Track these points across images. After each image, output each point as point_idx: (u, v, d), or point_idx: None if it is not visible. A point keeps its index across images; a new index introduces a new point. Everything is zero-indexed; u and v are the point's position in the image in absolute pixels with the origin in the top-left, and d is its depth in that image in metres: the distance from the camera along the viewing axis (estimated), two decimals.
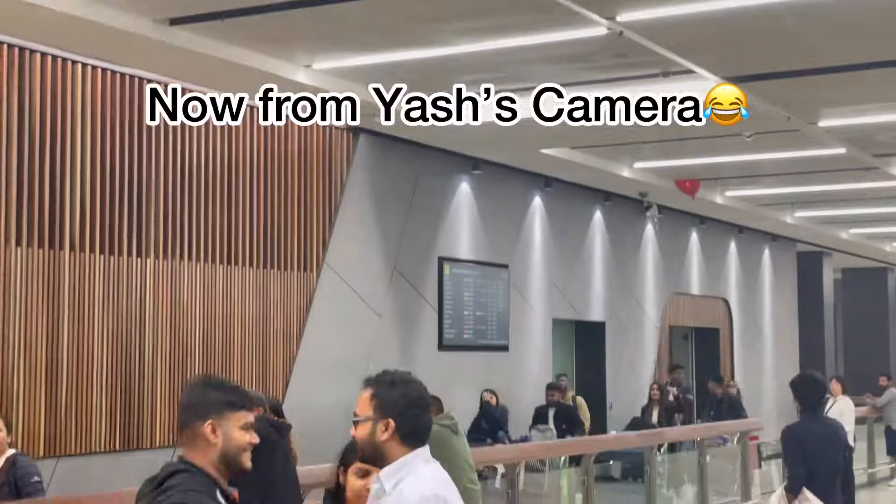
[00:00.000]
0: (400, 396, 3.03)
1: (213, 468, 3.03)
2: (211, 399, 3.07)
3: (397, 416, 3.00)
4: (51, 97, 8.68)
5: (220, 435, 3.04)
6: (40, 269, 8.55)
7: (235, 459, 3.06)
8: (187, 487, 2.92)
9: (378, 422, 3.01)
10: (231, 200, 10.19)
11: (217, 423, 3.04)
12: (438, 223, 12.87)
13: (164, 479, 2.97)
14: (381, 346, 11.85)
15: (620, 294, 16.50)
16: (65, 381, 8.66)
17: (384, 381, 3.07)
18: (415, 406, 3.04)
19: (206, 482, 2.98)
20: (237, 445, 3.06)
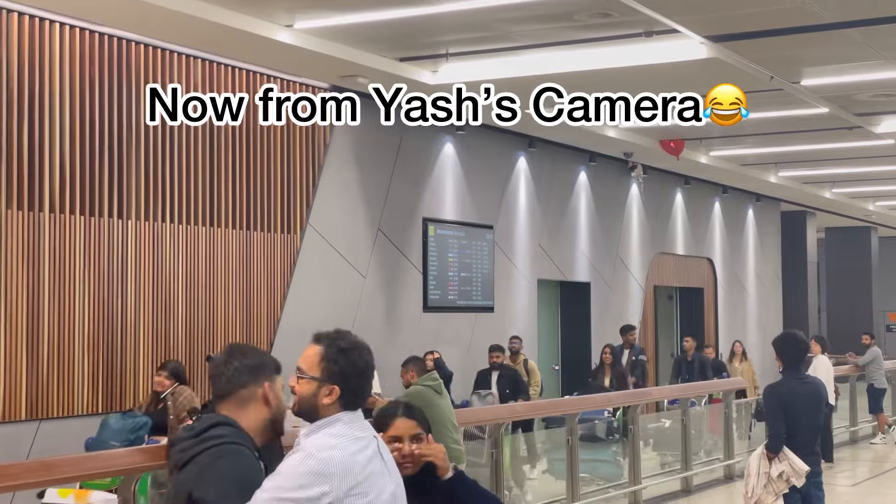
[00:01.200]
0: (349, 365, 3.04)
1: (257, 429, 3.10)
2: (265, 362, 3.18)
3: (343, 384, 3.02)
4: (28, 57, 8.58)
5: (273, 398, 3.14)
6: (20, 232, 8.49)
7: (280, 421, 3.15)
8: (235, 439, 3.00)
9: (323, 385, 3.02)
10: (213, 162, 10.13)
11: (271, 386, 3.14)
12: (422, 184, 12.83)
13: (207, 428, 3.03)
14: (365, 308, 11.84)
15: (605, 254, 16.51)
16: (46, 344, 8.63)
17: (336, 345, 3.07)
18: (361, 375, 3.06)
19: (246, 438, 3.06)
20: (282, 409, 3.16)
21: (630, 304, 17.24)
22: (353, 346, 3.08)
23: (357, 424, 3.04)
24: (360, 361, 3.06)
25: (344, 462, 2.89)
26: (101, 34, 9.11)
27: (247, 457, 2.99)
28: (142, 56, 9.47)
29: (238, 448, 2.99)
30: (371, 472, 2.96)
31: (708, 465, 11.58)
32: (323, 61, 9.96)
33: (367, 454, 2.98)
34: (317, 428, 2.99)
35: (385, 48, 10.19)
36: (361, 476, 2.92)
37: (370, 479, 2.94)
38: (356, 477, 2.90)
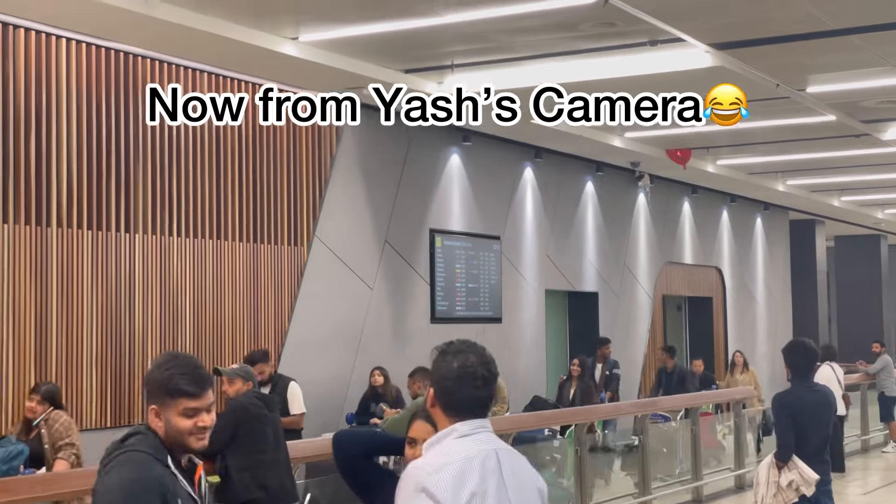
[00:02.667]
0: (438, 367, 3.03)
1: (168, 442, 3.16)
2: (154, 384, 3.18)
3: (436, 388, 3.01)
4: (35, 73, 8.62)
5: (163, 419, 3.16)
6: (28, 247, 8.52)
7: (179, 442, 3.15)
8: (140, 448, 3.09)
9: (429, 389, 3.05)
10: (220, 175, 10.15)
11: (159, 408, 3.17)
12: (429, 195, 12.84)
13: (124, 438, 3.16)
14: (373, 320, 11.84)
15: (613, 264, 16.49)
16: (54, 358, 8.64)
17: (440, 348, 3.08)
18: (448, 379, 2.99)
19: (158, 446, 3.12)
20: (178, 430, 3.14)
21: (638, 314, 17.21)
22: (454, 350, 3.04)
23: (476, 437, 2.95)
24: (453, 364, 2.99)
25: (454, 482, 2.83)
26: (108, 49, 9.15)
27: (139, 464, 3.04)
28: (148, 70, 9.50)
29: (133, 456, 3.06)
30: (485, 491, 2.87)
31: (718, 474, 11.54)
32: (328, 73, 9.98)
33: (483, 470, 2.89)
34: (434, 441, 2.96)
35: (390, 60, 10.21)
36: (476, 496, 2.84)
37: (485, 500, 2.86)
38: (466, 498, 2.83)
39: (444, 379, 3.00)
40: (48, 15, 8.33)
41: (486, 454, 2.91)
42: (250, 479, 6.09)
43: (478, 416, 2.99)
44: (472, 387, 2.98)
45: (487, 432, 2.98)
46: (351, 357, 11.46)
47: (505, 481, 2.91)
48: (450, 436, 2.94)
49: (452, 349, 3.04)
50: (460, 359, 3.00)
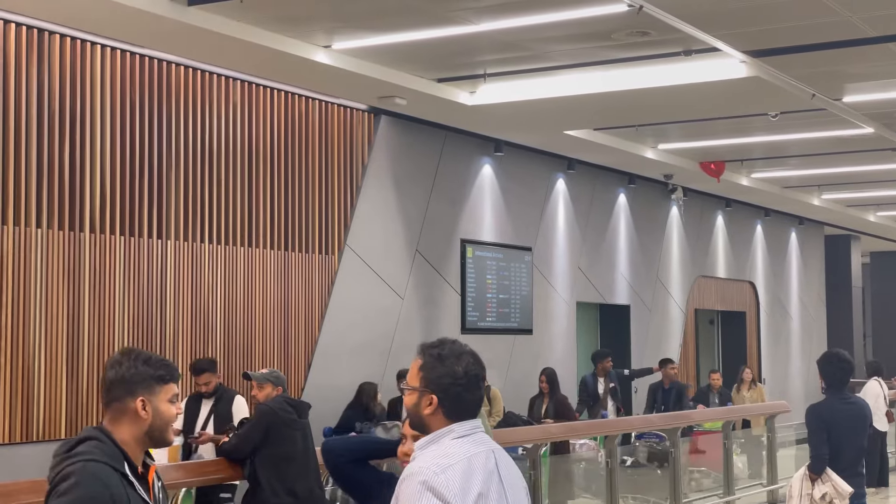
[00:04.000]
0: (445, 374, 2.96)
1: (135, 441, 3.07)
2: (141, 374, 3.09)
3: (440, 393, 2.95)
4: (70, 79, 8.68)
5: (150, 410, 3.08)
6: (61, 252, 8.56)
7: (161, 433, 3.12)
8: (93, 456, 2.95)
9: (423, 395, 2.97)
10: (252, 182, 10.17)
11: (147, 398, 3.08)
12: (461, 205, 12.82)
13: (75, 444, 3.01)
14: (403, 329, 11.82)
15: (645, 277, 16.39)
16: (86, 363, 8.67)
17: (433, 353, 3.00)
18: (458, 384, 2.95)
19: (114, 452, 3.00)
20: (165, 419, 3.11)
21: (670, 328, 17.09)
22: (450, 353, 2.99)
23: (473, 437, 2.94)
24: (457, 368, 2.96)
25: (461, 483, 2.81)
26: (142, 56, 9.20)
27: (93, 476, 2.90)
28: (182, 78, 9.55)
29: (87, 466, 2.91)
30: (487, 491, 2.86)
31: (750, 489, 11.40)
32: (361, 82, 9.99)
33: (485, 470, 2.88)
34: (428, 441, 2.93)
35: (423, 69, 10.21)
36: (480, 496, 2.83)
37: (487, 500, 2.85)
38: (473, 498, 2.81)
39: (452, 385, 2.96)
40: (83, 22, 8.38)
41: (485, 454, 2.92)
42: (279, 485, 6.07)
43: (474, 416, 3.00)
44: (475, 389, 2.99)
45: (482, 432, 2.99)
46: (381, 366, 11.43)
47: (503, 480, 2.93)
48: (447, 436, 2.92)
49: (449, 352, 3.00)
50: (463, 363, 2.98)
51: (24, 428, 8.23)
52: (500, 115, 11.45)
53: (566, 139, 13.01)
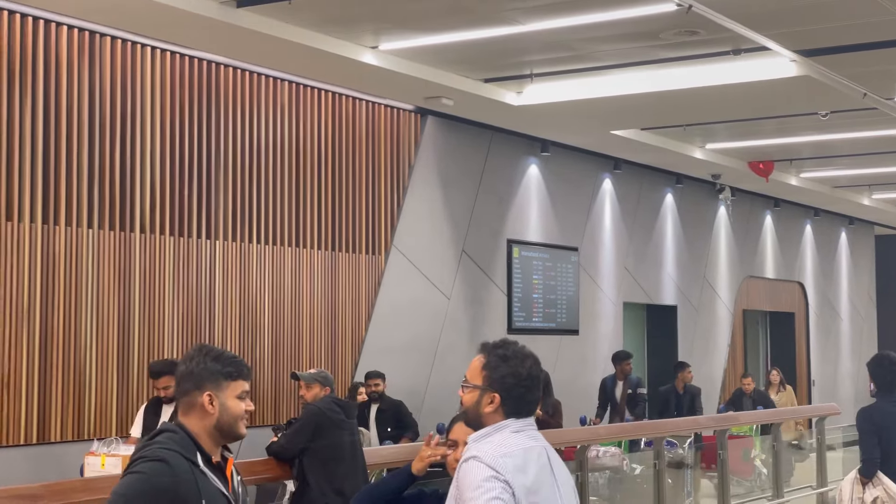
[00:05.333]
0: (509, 374, 3.04)
1: (207, 435, 3.18)
2: (209, 370, 3.20)
3: (504, 393, 3.03)
4: (120, 81, 8.77)
5: (217, 405, 3.18)
6: (112, 252, 8.66)
7: (231, 428, 3.20)
8: (167, 446, 3.09)
9: (485, 393, 3.04)
10: (299, 183, 10.22)
11: (215, 393, 3.18)
12: (507, 205, 12.80)
13: (153, 436, 3.16)
14: (449, 329, 11.82)
15: (693, 277, 16.28)
16: (136, 363, 8.76)
17: (498, 353, 3.08)
18: (522, 385, 3.04)
19: (187, 443, 3.13)
20: (232, 415, 3.20)
21: (718, 329, 16.96)
22: (514, 354, 3.08)
23: (527, 433, 3.02)
24: (521, 369, 3.04)
25: (518, 468, 2.89)
26: (192, 58, 9.28)
27: (161, 461, 3.02)
28: (230, 79, 9.62)
29: (158, 453, 3.04)
30: (542, 482, 2.93)
31: (800, 492, 11.28)
32: (408, 83, 10.00)
33: (538, 463, 2.95)
34: (484, 435, 3.00)
35: (470, 69, 10.21)
36: (535, 484, 2.90)
37: (541, 491, 2.92)
38: (529, 484, 2.88)
39: (516, 386, 3.04)
40: (133, 24, 8.47)
41: (538, 450, 3.00)
42: (327, 485, 6.09)
43: (530, 416, 3.10)
44: (536, 390, 3.10)
45: (535, 430, 3.07)
46: (427, 367, 11.45)
47: (555, 475, 3.01)
48: (502, 430, 2.99)
49: (513, 353, 3.09)
50: (527, 364, 3.08)
51: (76, 427, 8.33)
52: (546, 115, 11.42)
53: (613, 139, 12.96)
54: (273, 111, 9.98)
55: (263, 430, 8.94)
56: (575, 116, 11.56)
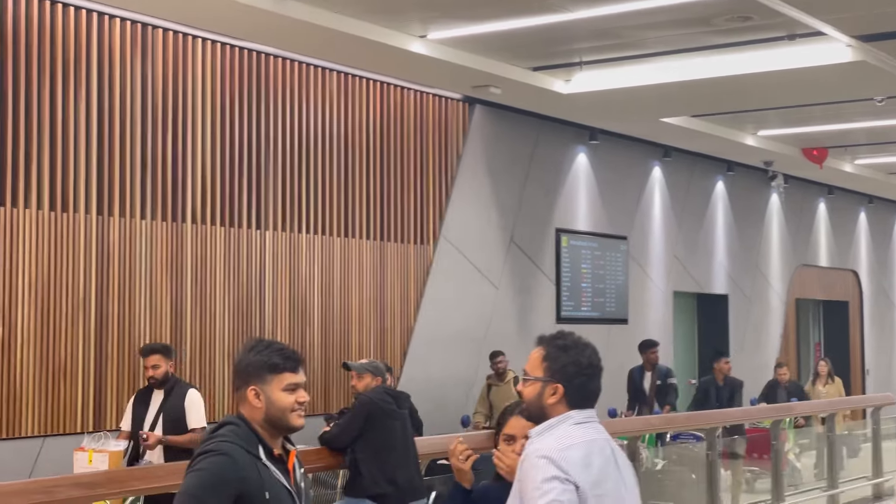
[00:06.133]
0: (571, 363, 3.03)
1: (262, 428, 3.18)
2: (253, 364, 3.20)
3: (566, 383, 3.02)
4: (172, 72, 8.83)
5: (263, 399, 3.17)
6: (164, 242, 8.73)
7: (281, 421, 3.20)
8: (229, 438, 3.11)
9: (547, 385, 3.03)
10: (348, 173, 10.24)
11: (259, 387, 3.18)
12: (555, 194, 12.74)
13: (216, 428, 3.19)
14: (498, 319, 11.80)
15: (744, 266, 16.12)
16: (188, 352, 8.83)
17: (557, 344, 3.07)
18: (583, 374, 3.04)
19: (249, 437, 3.14)
20: (280, 407, 3.18)
21: (770, 318, 16.79)
22: (574, 344, 3.08)
23: (590, 425, 3.02)
24: (582, 359, 3.04)
25: (582, 461, 2.88)
26: (242, 49, 9.32)
27: (222, 458, 3.05)
28: (280, 69, 9.65)
29: (221, 447, 3.07)
30: (607, 475, 2.92)
31: (854, 482, 11.12)
32: (456, 71, 9.97)
33: (602, 455, 2.94)
34: (547, 427, 2.99)
35: (518, 57, 10.16)
36: (600, 476, 2.89)
37: (606, 483, 2.91)
38: (594, 477, 2.87)
39: (577, 375, 3.03)
40: (185, 16, 8.52)
41: (602, 442, 3.00)
42: (379, 474, 6.10)
43: (592, 406, 3.08)
44: (597, 379, 3.09)
45: (597, 422, 3.06)
46: (475, 356, 11.43)
47: (619, 468, 3.00)
48: (565, 422, 2.99)
49: (572, 343, 3.08)
50: (587, 353, 3.08)
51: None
52: (595, 103, 11.33)
53: (663, 127, 12.84)
54: (322, 101, 10.00)
55: (315, 419, 8.98)
56: (624, 104, 11.47)
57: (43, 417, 7.92)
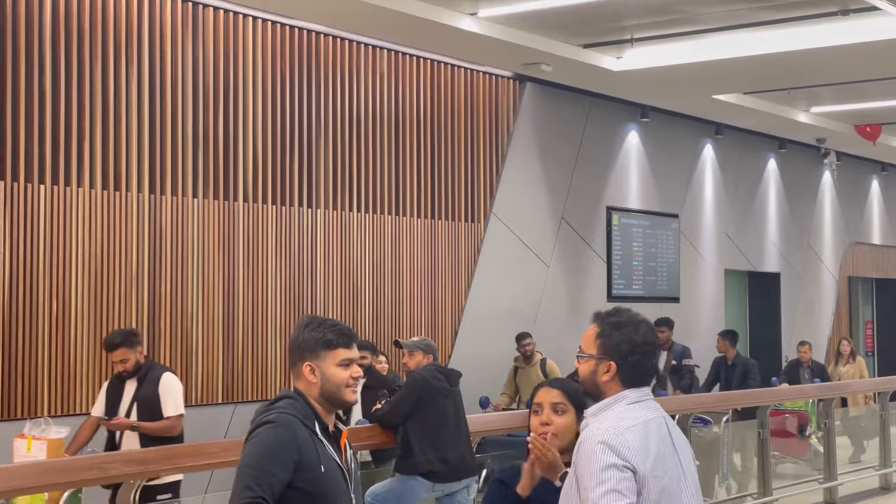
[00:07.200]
0: (624, 340, 3.00)
1: (317, 402, 3.24)
2: (308, 341, 3.26)
3: (619, 360, 2.99)
4: (223, 52, 8.87)
5: (319, 374, 3.23)
6: (216, 221, 8.79)
7: (335, 396, 3.25)
8: (287, 410, 3.17)
9: (600, 362, 3.01)
10: (398, 152, 10.25)
11: (314, 363, 3.23)
12: (606, 172, 12.67)
13: (274, 401, 3.24)
14: (549, 297, 11.78)
15: (796, 244, 15.95)
16: (241, 329, 8.91)
17: (611, 321, 3.05)
18: (637, 351, 3.00)
19: (307, 411, 3.20)
20: (335, 383, 3.24)
21: (822, 296, 16.61)
22: (628, 321, 3.04)
23: (646, 403, 2.99)
24: (636, 336, 3.01)
25: (640, 444, 2.86)
26: (292, 27, 9.34)
27: (281, 429, 3.11)
28: (330, 48, 9.66)
29: (280, 418, 3.13)
30: (664, 454, 2.91)
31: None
32: (506, 49, 9.93)
33: (659, 434, 2.93)
34: (603, 407, 2.98)
35: (569, 35, 10.09)
36: (658, 458, 2.88)
37: (664, 463, 2.89)
38: (652, 458, 2.86)
39: (631, 352, 3.00)
40: None
41: (658, 421, 2.97)
42: (431, 452, 6.12)
43: (647, 383, 3.05)
44: (652, 356, 3.05)
45: (652, 399, 3.03)
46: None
47: (676, 446, 2.97)
48: (620, 402, 2.96)
49: (627, 320, 3.04)
50: (641, 330, 3.04)
51: (185, 392, 8.49)
52: (646, 80, 11.24)
53: (714, 104, 12.71)
54: (372, 80, 10.00)
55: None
56: (676, 81, 11.36)
57: (97, 395, 8.02)
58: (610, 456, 2.80)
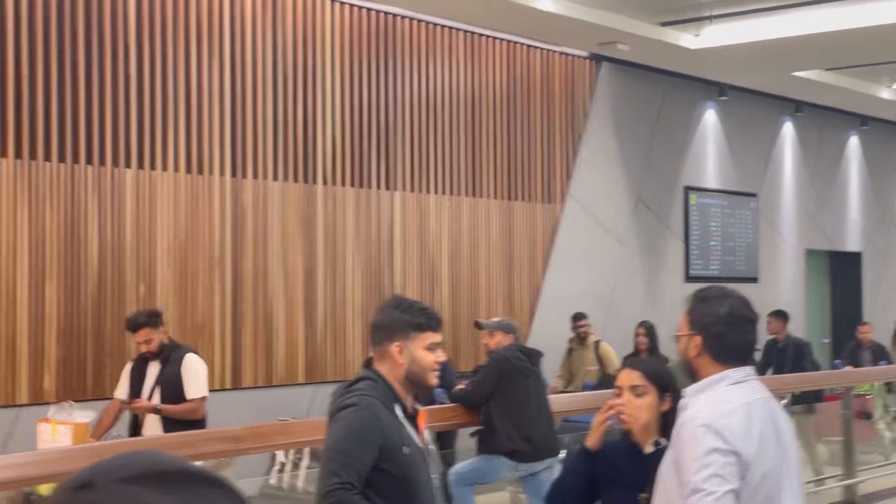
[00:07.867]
0: (706, 313, 2.96)
1: (399, 384, 3.25)
2: (398, 321, 3.26)
3: (704, 332, 2.95)
4: (302, 35, 8.95)
5: (406, 355, 3.23)
6: (296, 203, 8.89)
7: (420, 378, 3.27)
8: (367, 392, 3.18)
9: (690, 338, 2.98)
10: (475, 133, 10.26)
11: (403, 344, 3.24)
12: (683, 152, 12.55)
13: (353, 382, 3.25)
14: (626, 277, 11.72)
15: (879, 223, 15.66)
16: (321, 310, 9.01)
17: (698, 296, 3.03)
18: (722, 323, 2.93)
19: (387, 392, 3.21)
20: (421, 365, 3.25)
21: None
22: (715, 295, 3.00)
23: (749, 384, 2.93)
24: (721, 309, 2.94)
25: (743, 427, 2.81)
26: (369, 10, 9.39)
27: (365, 411, 3.12)
28: (406, 30, 9.69)
29: (363, 400, 3.14)
30: (768, 437, 2.86)
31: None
32: (582, 28, 9.88)
33: (762, 417, 2.87)
34: (703, 387, 2.92)
35: (646, 13, 10.01)
36: (761, 441, 2.83)
37: (767, 447, 2.84)
38: (755, 442, 2.81)
39: (714, 325, 2.94)
40: None
41: (761, 402, 2.90)
42: (515, 431, 6.15)
43: (746, 362, 2.98)
44: (742, 331, 2.96)
45: (756, 380, 2.96)
46: (602, 315, 11.38)
47: (778, 428, 2.90)
48: (721, 382, 2.90)
49: (713, 294, 3.00)
50: (727, 304, 2.96)
51: (266, 373, 8.64)
52: (725, 58, 11.11)
53: (794, 81, 12.52)
54: (449, 61, 10.02)
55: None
56: (755, 58, 11.21)
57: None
58: (713, 440, 2.75)
